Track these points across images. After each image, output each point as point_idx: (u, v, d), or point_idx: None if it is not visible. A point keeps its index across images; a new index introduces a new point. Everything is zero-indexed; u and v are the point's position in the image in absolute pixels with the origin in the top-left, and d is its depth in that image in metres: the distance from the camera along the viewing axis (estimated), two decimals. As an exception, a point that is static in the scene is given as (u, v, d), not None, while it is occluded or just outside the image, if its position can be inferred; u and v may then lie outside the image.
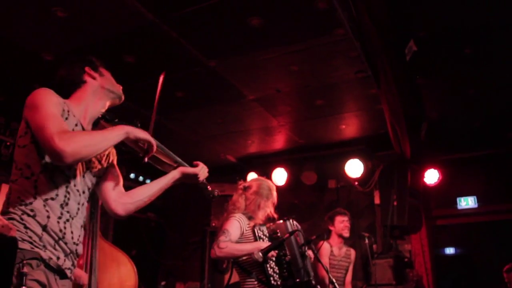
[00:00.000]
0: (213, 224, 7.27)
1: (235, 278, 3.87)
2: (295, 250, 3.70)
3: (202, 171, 2.47)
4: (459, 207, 7.01)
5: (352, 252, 5.40)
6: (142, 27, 4.18)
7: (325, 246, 5.20)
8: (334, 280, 3.79)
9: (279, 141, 7.24)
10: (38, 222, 1.90)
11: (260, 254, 3.34)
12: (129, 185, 2.92)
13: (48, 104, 1.98)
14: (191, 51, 4.56)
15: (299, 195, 7.63)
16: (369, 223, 7.11)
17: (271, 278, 3.53)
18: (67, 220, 2.01)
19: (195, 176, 2.43)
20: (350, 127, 6.69)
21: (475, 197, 6.93)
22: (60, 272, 1.96)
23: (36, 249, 1.86)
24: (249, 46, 4.51)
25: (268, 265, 3.56)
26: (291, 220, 3.85)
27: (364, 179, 7.13)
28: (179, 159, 2.41)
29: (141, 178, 7.64)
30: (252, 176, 7.35)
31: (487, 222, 7.25)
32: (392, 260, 6.26)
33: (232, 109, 5.95)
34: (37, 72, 4.92)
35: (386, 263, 6.25)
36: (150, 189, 2.33)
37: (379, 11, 3.93)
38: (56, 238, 1.95)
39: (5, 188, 6.21)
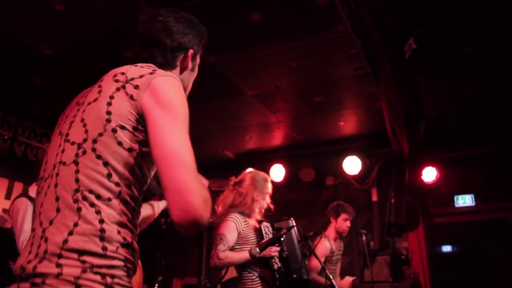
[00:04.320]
0: (211, 220, 7.26)
1: (232, 273, 3.88)
2: (295, 248, 3.70)
3: None
4: (456, 205, 7.01)
5: (342, 244, 5.33)
6: (141, 21, 4.16)
7: (325, 246, 4.98)
8: (331, 277, 3.80)
9: (277, 138, 7.24)
10: (133, 265, 1.35)
11: (257, 249, 3.36)
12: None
13: (186, 118, 1.39)
14: (190, 46, 4.54)
15: (297, 192, 7.63)
16: (366, 220, 7.11)
17: (276, 273, 3.54)
18: None
19: None
20: (348, 124, 6.69)
21: (472, 195, 6.93)
22: None
23: None
24: (249, 41, 4.50)
25: (273, 260, 3.57)
26: (291, 219, 3.85)
27: (362, 176, 7.13)
28: None
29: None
30: (249, 172, 7.35)
31: (485, 221, 7.27)
32: (389, 257, 6.27)
33: (231, 105, 5.94)
34: (35, 66, 4.90)
35: (383, 260, 6.25)
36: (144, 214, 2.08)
37: (379, 8, 3.92)
38: None
39: (3, 182, 6.19)
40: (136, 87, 1.34)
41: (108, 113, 1.31)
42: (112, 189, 1.27)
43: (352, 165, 6.98)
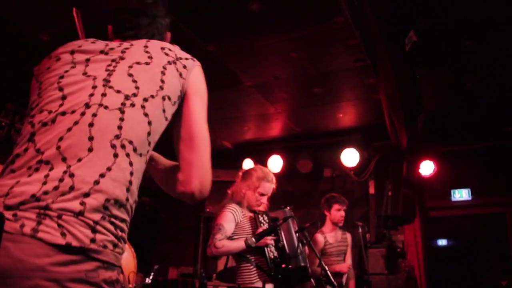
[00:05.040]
0: (208, 210, 7.27)
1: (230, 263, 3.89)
2: (293, 237, 3.71)
3: None
4: (453, 199, 7.03)
5: (348, 236, 5.34)
6: (141, 9, 4.13)
7: (318, 240, 5.07)
8: (326, 267, 3.82)
9: (275, 128, 7.23)
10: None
11: (253, 239, 3.37)
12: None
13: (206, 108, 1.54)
14: (189, 35, 4.52)
15: (294, 183, 7.64)
16: (363, 212, 7.13)
17: (271, 263, 3.55)
18: None
19: None
20: (347, 116, 6.69)
21: (469, 189, 6.95)
22: None
23: None
24: (248, 31, 4.47)
25: (268, 249, 3.58)
26: (288, 208, 3.85)
27: (359, 169, 7.14)
28: None
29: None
30: (248, 162, 7.36)
31: (481, 215, 7.30)
32: (384, 250, 6.29)
33: (229, 95, 5.92)
34: (33, 53, 4.87)
35: (378, 253, 6.27)
36: None
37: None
38: None
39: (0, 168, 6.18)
40: (185, 67, 1.50)
41: (162, 81, 1.42)
42: (146, 147, 1.35)
43: (350, 157, 6.98)
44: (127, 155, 1.29)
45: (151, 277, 5.26)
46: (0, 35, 4.59)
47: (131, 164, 1.29)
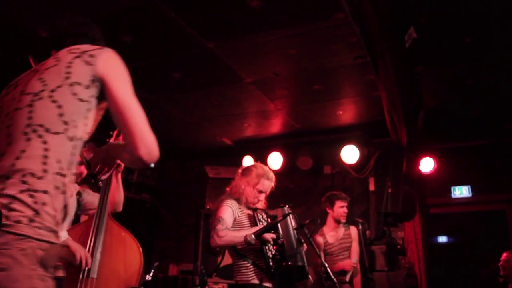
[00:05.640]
0: (208, 207, 7.27)
1: (227, 260, 3.89)
2: (291, 235, 3.70)
3: None
4: (453, 196, 7.03)
5: (353, 230, 5.25)
6: (140, 5, 4.13)
7: (318, 242, 5.06)
8: (326, 264, 3.82)
9: (275, 125, 7.23)
10: (63, 201, 1.50)
11: (253, 236, 3.36)
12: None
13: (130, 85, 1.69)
14: (189, 32, 4.51)
15: (294, 180, 7.64)
16: (363, 209, 7.13)
17: (269, 260, 3.54)
18: None
19: None
20: (347, 113, 6.68)
21: (469, 186, 6.94)
22: None
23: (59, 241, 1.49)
24: (248, 28, 4.46)
25: (266, 248, 3.57)
26: (287, 207, 3.85)
27: (359, 166, 7.12)
28: None
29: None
30: (247, 159, 7.35)
31: (481, 212, 7.29)
32: (385, 247, 6.29)
33: (229, 91, 5.92)
34: (32, 49, 4.86)
35: (379, 250, 6.28)
36: None
37: (380, -4, 3.90)
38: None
39: None
40: (92, 56, 1.64)
41: (67, 72, 1.58)
42: (61, 126, 1.51)
43: (350, 154, 6.97)
44: (40, 136, 1.48)
45: (151, 274, 5.26)
46: (-1, 31, 4.58)
47: (45, 142, 1.47)
